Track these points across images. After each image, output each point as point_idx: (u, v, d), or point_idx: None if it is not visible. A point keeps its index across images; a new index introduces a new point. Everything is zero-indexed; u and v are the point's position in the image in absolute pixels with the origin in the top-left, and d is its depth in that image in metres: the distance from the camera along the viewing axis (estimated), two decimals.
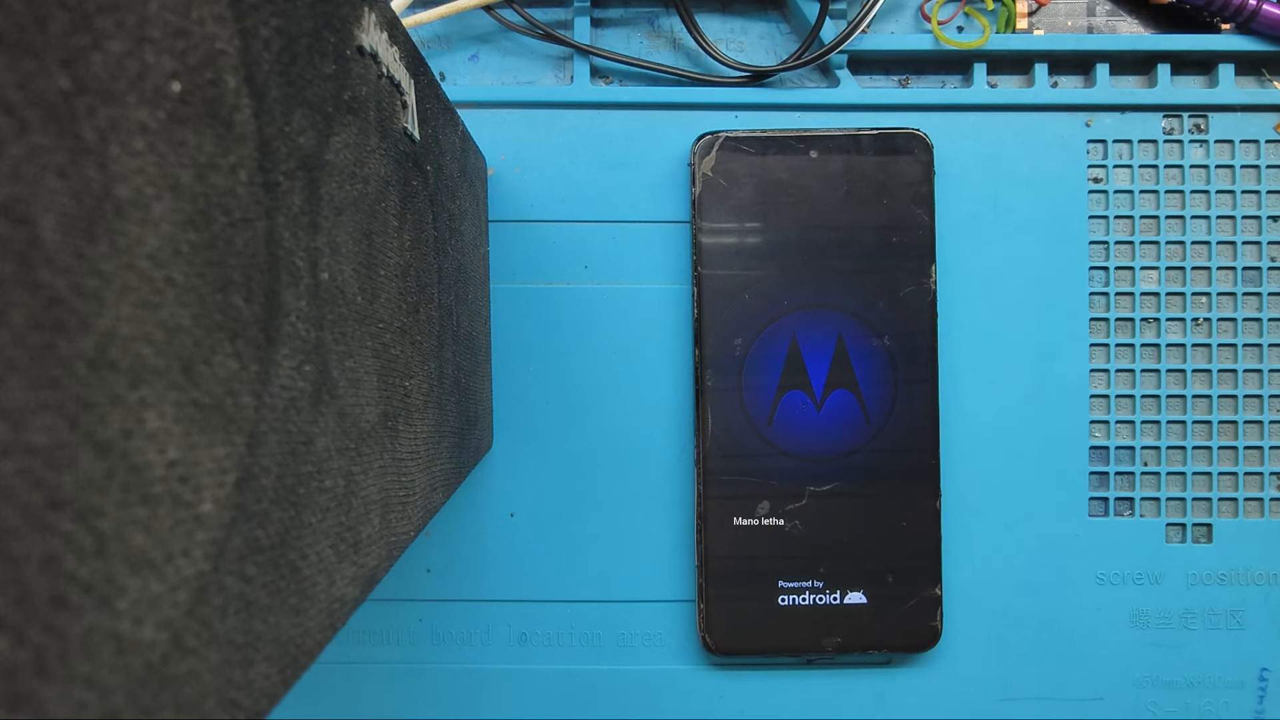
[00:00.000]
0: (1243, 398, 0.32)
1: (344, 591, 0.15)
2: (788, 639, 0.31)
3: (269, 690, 0.12)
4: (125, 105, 0.09)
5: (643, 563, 0.32)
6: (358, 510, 0.15)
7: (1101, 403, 0.32)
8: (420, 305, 0.20)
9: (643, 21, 0.33)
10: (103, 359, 0.08)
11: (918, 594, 0.31)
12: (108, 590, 0.09)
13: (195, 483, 0.10)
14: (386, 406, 0.17)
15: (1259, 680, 0.32)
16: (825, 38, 0.32)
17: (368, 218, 0.16)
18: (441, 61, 0.33)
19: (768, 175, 0.31)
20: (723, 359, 0.31)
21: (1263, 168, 0.32)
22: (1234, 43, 0.32)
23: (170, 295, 0.10)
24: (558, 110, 0.32)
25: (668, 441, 0.32)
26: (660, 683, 0.32)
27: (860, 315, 0.31)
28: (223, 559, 0.11)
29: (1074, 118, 0.32)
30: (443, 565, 0.32)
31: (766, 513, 0.31)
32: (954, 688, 0.32)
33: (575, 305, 0.32)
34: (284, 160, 0.12)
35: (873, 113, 0.32)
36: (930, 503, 0.31)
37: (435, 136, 0.21)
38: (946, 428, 0.32)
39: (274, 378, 0.12)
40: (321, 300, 0.14)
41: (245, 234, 0.11)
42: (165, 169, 0.09)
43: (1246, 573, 0.32)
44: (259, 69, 0.12)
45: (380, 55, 0.16)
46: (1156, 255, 0.32)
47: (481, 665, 0.32)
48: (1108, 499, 0.32)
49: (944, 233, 0.32)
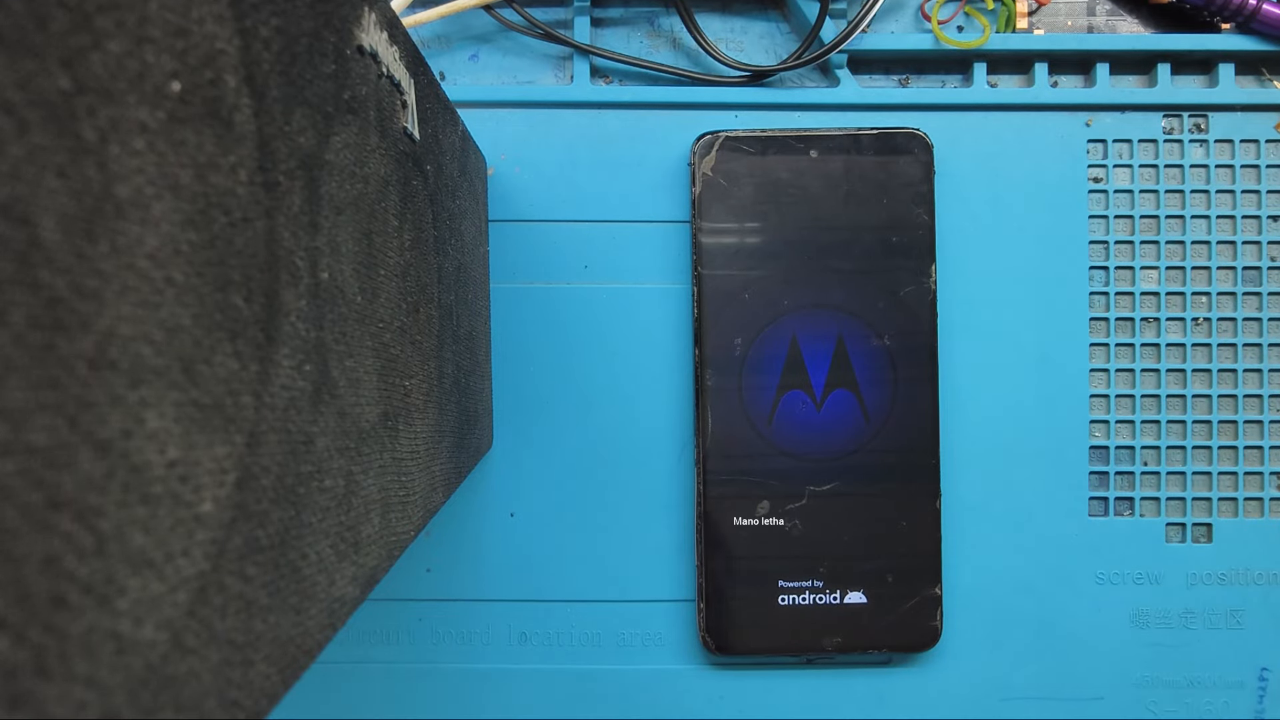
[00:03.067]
0: (1243, 397, 0.32)
1: (344, 591, 0.15)
2: (788, 639, 0.31)
3: (269, 690, 0.12)
4: (125, 105, 0.09)
5: (643, 563, 0.32)
6: (358, 510, 0.15)
7: (1101, 402, 0.32)
8: (420, 305, 0.20)
9: (643, 21, 0.33)
10: (103, 359, 0.08)
11: (918, 594, 0.31)
12: (108, 590, 0.09)
13: (195, 482, 0.10)
14: (386, 406, 0.17)
15: (1259, 680, 0.32)
16: (825, 37, 0.32)
17: (368, 217, 0.16)
18: (441, 61, 0.33)
19: (768, 175, 0.31)
20: (723, 359, 0.31)
21: (1263, 167, 0.32)
22: (1234, 42, 0.32)
23: (170, 295, 0.10)
24: (558, 110, 0.32)
25: (668, 441, 0.32)
26: (660, 683, 0.32)
27: (860, 315, 0.31)
28: (223, 559, 0.11)
29: (1074, 117, 0.32)
30: (443, 565, 0.32)
31: (766, 513, 0.31)
32: (954, 688, 0.32)
33: (575, 305, 0.32)
34: (284, 160, 0.12)
35: (873, 112, 0.32)
36: (930, 503, 0.31)
37: (435, 136, 0.21)
38: (946, 428, 0.32)
39: (274, 377, 0.12)
40: (321, 300, 0.14)
41: (245, 234, 0.11)
42: (165, 169, 0.09)
43: (1246, 572, 0.32)
44: (259, 69, 0.12)
45: (380, 55, 0.16)
46: (1156, 255, 0.32)
47: (481, 665, 0.32)
48: (1108, 499, 0.32)
49: (944, 232, 0.32)
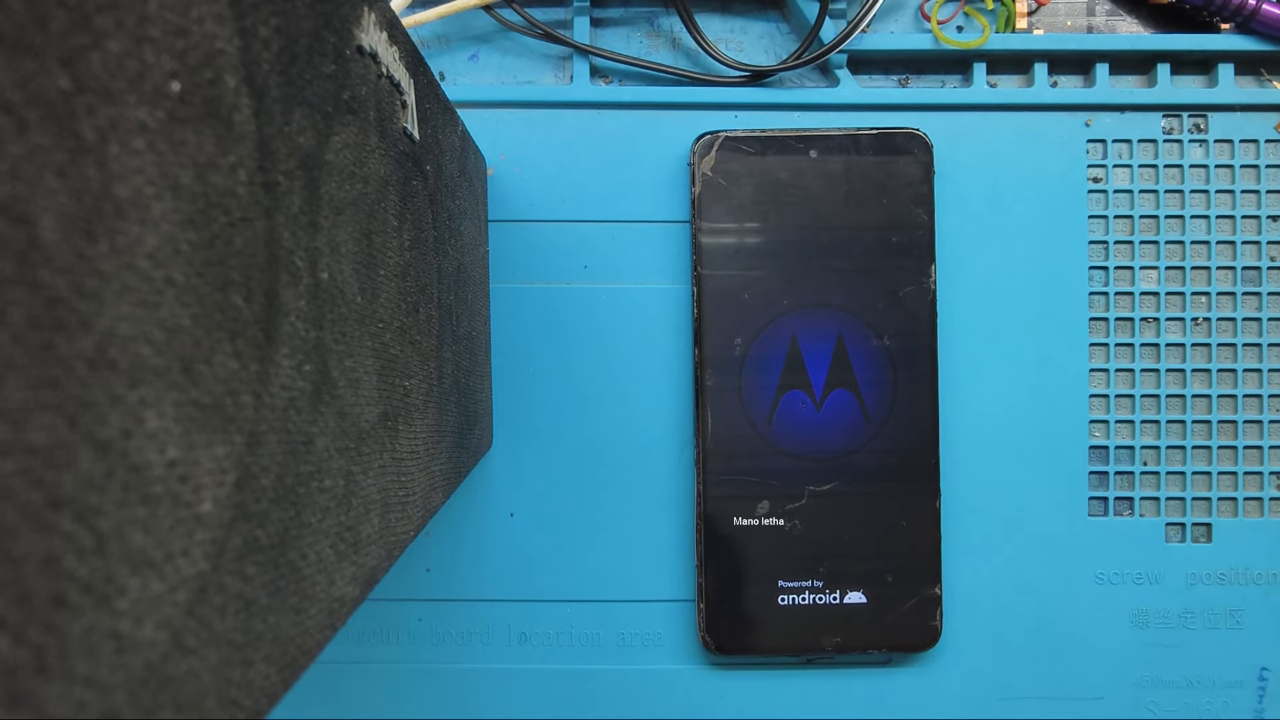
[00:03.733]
0: (1243, 398, 0.32)
1: (344, 591, 0.15)
2: (788, 639, 0.31)
3: (269, 690, 0.12)
4: (125, 105, 0.09)
5: (643, 563, 0.32)
6: (358, 510, 0.15)
7: (1101, 403, 0.32)
8: (420, 305, 0.20)
9: (643, 21, 0.33)
10: (103, 359, 0.08)
11: (917, 594, 0.31)
12: (108, 590, 0.09)
13: (195, 482, 0.10)
14: (386, 406, 0.17)
15: (1259, 680, 0.32)
16: (825, 37, 0.32)
17: (367, 217, 0.16)
18: (441, 61, 0.33)
19: (767, 175, 0.31)
20: (723, 359, 0.31)
21: (1262, 167, 0.32)
22: (1234, 42, 0.32)
23: (170, 295, 0.10)
24: (558, 110, 0.32)
25: (668, 441, 0.32)
26: (660, 683, 0.32)
27: (860, 315, 0.31)
28: (222, 559, 0.11)
29: (1074, 117, 0.32)
30: (443, 565, 0.32)
31: (766, 513, 0.31)
32: (954, 687, 0.32)
33: (575, 305, 0.32)
34: (284, 160, 0.12)
35: (872, 112, 0.32)
36: (930, 503, 0.31)
37: (435, 136, 0.21)
38: (946, 428, 0.32)
39: (274, 377, 0.12)
40: (321, 300, 0.14)
41: (245, 234, 0.11)
42: (165, 169, 0.09)
43: (1246, 572, 0.32)
44: (259, 69, 0.12)
45: (380, 55, 0.16)
46: (1156, 255, 0.32)
47: (481, 665, 0.32)
48: (1107, 499, 0.32)
49: (944, 233, 0.32)
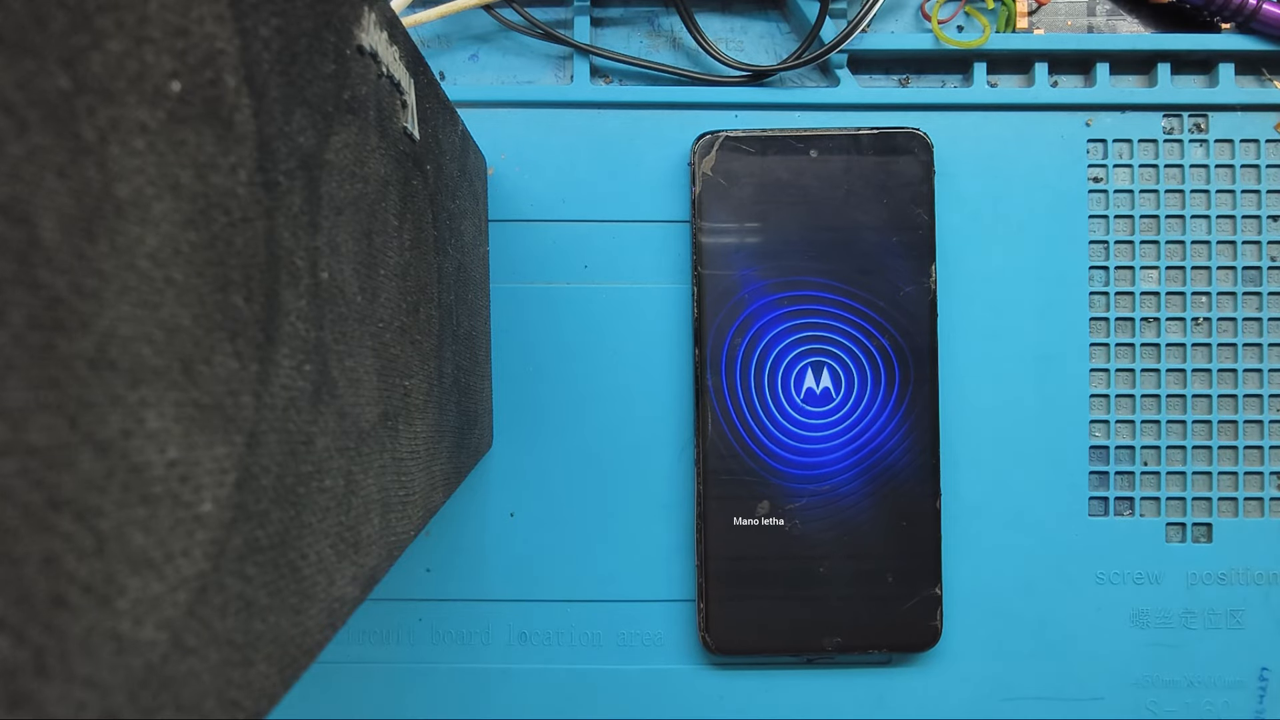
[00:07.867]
0: (1243, 397, 0.32)
1: (344, 591, 0.15)
2: (788, 639, 0.31)
3: (269, 690, 0.12)
4: (125, 105, 0.09)
5: (643, 563, 0.32)
6: (358, 510, 0.15)
7: (1101, 403, 0.32)
8: (420, 305, 0.20)
9: (643, 21, 0.33)
10: (103, 359, 0.08)
11: (918, 594, 0.31)
12: (108, 590, 0.09)
13: (195, 482, 0.10)
14: (386, 406, 0.17)
15: (1259, 680, 0.32)
16: (825, 37, 0.32)
17: (368, 217, 0.16)
18: (441, 61, 0.33)
19: (768, 175, 0.31)
20: (723, 359, 0.31)
21: (1263, 167, 0.32)
22: (1234, 42, 0.32)
23: (170, 295, 0.10)
24: (558, 110, 0.32)
25: (668, 441, 0.32)
26: (660, 683, 0.32)
27: (860, 315, 0.31)
28: (223, 559, 0.11)
29: (1074, 117, 0.32)
30: (443, 565, 0.32)
31: (766, 513, 0.31)
32: (954, 688, 0.32)
33: (575, 305, 0.32)
34: (284, 160, 0.12)
35: (873, 112, 0.32)
36: (930, 503, 0.31)
37: (435, 136, 0.21)
38: (946, 428, 0.32)
39: (274, 377, 0.12)
40: (321, 300, 0.14)
41: (245, 234, 0.11)
42: (165, 169, 0.09)
43: (1246, 572, 0.32)
44: (259, 69, 0.12)
45: (380, 55, 0.16)
46: (1156, 255, 0.32)
47: (481, 665, 0.32)
48: (1108, 499, 0.32)
49: (944, 232, 0.32)
